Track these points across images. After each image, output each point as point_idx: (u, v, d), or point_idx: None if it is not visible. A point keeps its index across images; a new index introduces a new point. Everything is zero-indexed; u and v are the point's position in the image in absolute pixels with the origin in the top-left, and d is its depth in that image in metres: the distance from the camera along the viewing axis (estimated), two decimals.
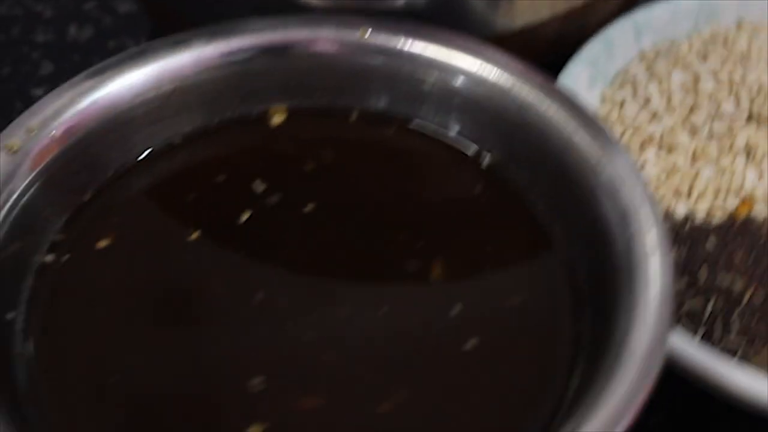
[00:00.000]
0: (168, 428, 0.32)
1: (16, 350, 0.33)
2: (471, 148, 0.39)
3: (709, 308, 0.39)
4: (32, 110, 0.36)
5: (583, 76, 0.44)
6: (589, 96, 0.44)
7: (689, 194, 0.43)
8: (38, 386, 0.32)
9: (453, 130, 0.39)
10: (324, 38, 0.39)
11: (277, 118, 0.40)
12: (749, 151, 0.44)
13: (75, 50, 0.50)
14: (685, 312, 0.39)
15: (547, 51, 0.43)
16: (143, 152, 0.38)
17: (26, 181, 0.35)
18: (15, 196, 0.35)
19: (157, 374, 0.33)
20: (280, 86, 0.39)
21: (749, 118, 0.44)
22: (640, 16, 0.46)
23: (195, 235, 0.36)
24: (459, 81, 0.38)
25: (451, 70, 0.38)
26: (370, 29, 0.39)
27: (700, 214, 0.42)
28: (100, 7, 0.52)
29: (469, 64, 0.38)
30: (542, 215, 0.37)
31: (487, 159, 0.38)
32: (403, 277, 0.36)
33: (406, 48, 0.39)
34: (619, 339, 0.32)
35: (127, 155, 0.38)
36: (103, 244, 0.36)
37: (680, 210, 0.42)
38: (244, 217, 0.37)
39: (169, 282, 0.35)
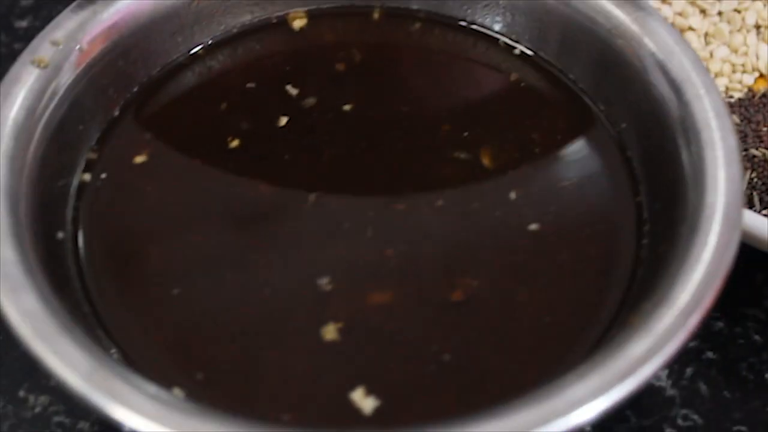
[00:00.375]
0: (244, 335, 0.31)
1: (72, 268, 0.32)
2: (501, 37, 0.38)
3: (746, 181, 0.39)
4: (55, 24, 0.34)
5: None
6: None
7: None
8: (105, 304, 0.31)
9: (479, 21, 0.38)
10: None
11: (299, 22, 0.38)
12: (759, 28, 0.44)
13: None
14: None
15: None
16: (166, 64, 0.37)
17: (58, 97, 0.33)
18: (49, 111, 0.33)
19: (222, 282, 0.32)
20: None
21: None
22: None
23: (235, 143, 0.35)
24: None
25: None
26: None
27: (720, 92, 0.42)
28: None
29: None
30: (585, 95, 0.36)
31: (520, 46, 0.38)
32: (453, 168, 0.35)
33: None
34: (691, 203, 0.31)
35: (151, 68, 0.36)
36: (139, 159, 0.35)
37: None
38: (283, 121, 0.36)
39: (217, 191, 0.34)
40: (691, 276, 0.29)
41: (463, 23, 0.38)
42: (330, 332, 0.31)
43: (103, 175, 0.34)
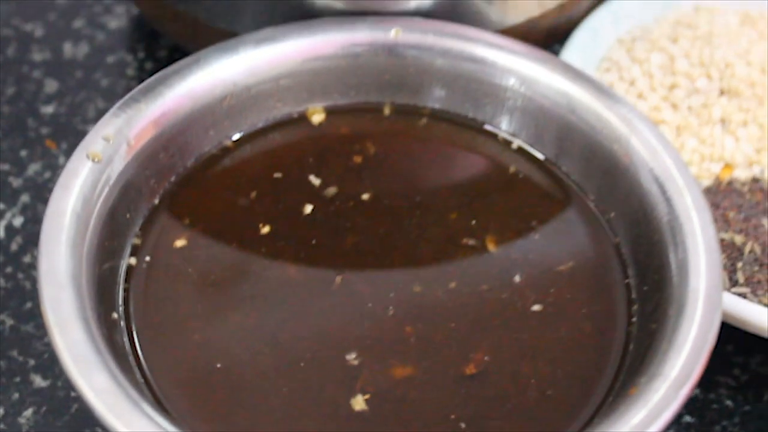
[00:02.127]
0: (283, 405, 0.34)
1: (127, 345, 0.35)
2: (501, 133, 0.42)
3: None
4: (106, 120, 0.38)
5: (576, 63, 0.48)
6: None
7: None
8: (157, 379, 0.35)
9: (480, 118, 0.42)
10: (360, 40, 0.42)
11: (317, 117, 0.42)
12: (724, 121, 0.49)
13: (75, 67, 0.51)
14: None
15: (541, 43, 0.47)
16: (201, 156, 0.40)
17: (109, 187, 0.37)
18: (101, 201, 0.37)
19: (260, 357, 0.36)
20: (319, 87, 0.42)
21: (721, 92, 0.49)
22: (614, 4, 0.51)
23: (266, 230, 0.39)
24: (487, 72, 0.42)
25: (480, 62, 0.42)
26: (402, 30, 0.42)
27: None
28: (89, 24, 0.53)
29: (489, 55, 0.42)
30: (577, 187, 0.41)
31: (517, 141, 0.42)
32: (463, 253, 0.39)
33: (429, 43, 0.42)
34: (676, 287, 0.36)
35: (187, 159, 0.40)
36: (179, 244, 0.38)
37: None
38: (308, 209, 0.40)
39: (252, 274, 0.38)
40: (680, 353, 0.34)
41: (465, 120, 0.43)
42: (359, 403, 0.35)
43: (147, 259, 0.38)
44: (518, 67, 0.41)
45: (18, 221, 0.45)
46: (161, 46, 0.52)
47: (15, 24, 0.53)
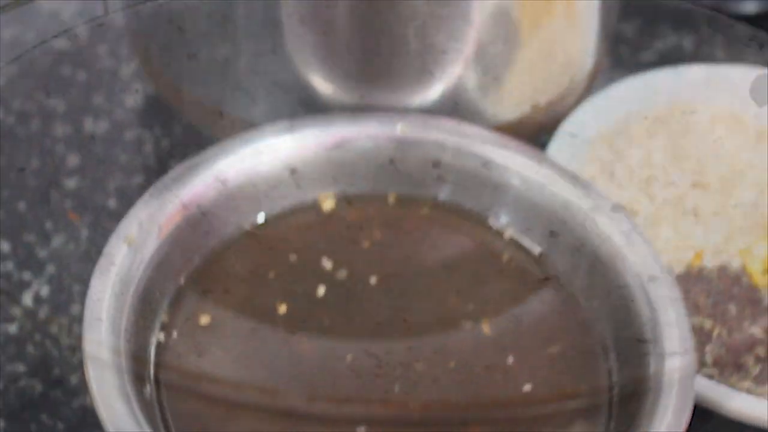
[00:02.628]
0: None
1: (158, 417, 0.38)
2: (495, 223, 0.46)
3: None
4: (140, 206, 0.41)
5: (562, 155, 0.52)
6: None
7: None
8: None
9: (476, 210, 0.47)
10: (369, 134, 0.46)
11: (328, 204, 0.46)
12: (696, 212, 0.53)
13: (95, 142, 0.55)
14: None
15: (533, 136, 0.51)
16: (222, 238, 0.44)
17: (142, 269, 0.40)
18: (136, 282, 0.40)
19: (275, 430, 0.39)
20: (330, 176, 0.46)
21: (693, 184, 0.54)
22: (597, 99, 0.56)
23: (283, 309, 0.43)
24: (486, 168, 0.46)
25: (480, 158, 0.46)
26: (408, 125, 0.46)
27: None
28: (108, 100, 0.57)
29: (488, 152, 0.46)
30: (563, 276, 0.45)
31: (509, 231, 0.46)
32: (461, 335, 0.43)
33: (432, 139, 0.47)
34: (654, 372, 0.40)
35: (210, 241, 0.44)
36: (204, 321, 0.42)
37: None
38: (321, 290, 0.43)
39: (270, 351, 0.41)
40: None
41: (461, 209, 0.47)
42: None
43: (175, 335, 0.41)
44: (515, 166, 0.46)
45: (45, 291, 0.48)
46: (176, 124, 0.56)
47: (38, 98, 0.57)
